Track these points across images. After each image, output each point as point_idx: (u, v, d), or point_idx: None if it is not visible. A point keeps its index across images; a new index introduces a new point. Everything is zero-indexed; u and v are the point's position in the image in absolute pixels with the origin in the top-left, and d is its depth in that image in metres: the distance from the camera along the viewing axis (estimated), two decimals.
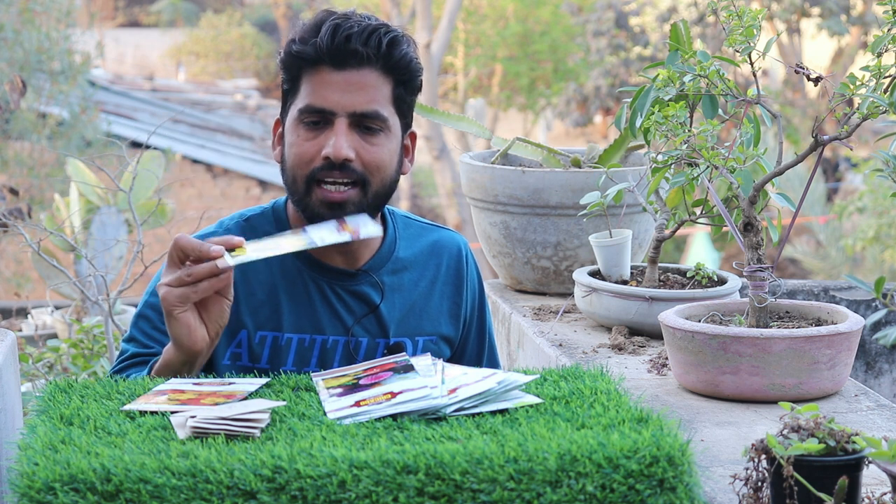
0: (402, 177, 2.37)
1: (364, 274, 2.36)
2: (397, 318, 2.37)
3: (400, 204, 16.07)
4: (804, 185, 4.98)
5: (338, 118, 2.24)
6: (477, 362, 2.51)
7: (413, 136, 2.38)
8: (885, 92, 2.23)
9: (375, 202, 2.29)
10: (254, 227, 2.36)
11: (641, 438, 1.67)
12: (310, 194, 2.25)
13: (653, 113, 2.43)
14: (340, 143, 2.23)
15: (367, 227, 2.19)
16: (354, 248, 2.35)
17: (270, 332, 2.31)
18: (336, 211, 2.25)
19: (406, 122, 2.33)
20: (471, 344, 2.50)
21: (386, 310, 2.36)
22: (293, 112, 2.28)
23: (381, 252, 2.39)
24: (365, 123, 2.25)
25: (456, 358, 2.47)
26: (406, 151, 2.36)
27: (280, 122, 2.35)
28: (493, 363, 2.55)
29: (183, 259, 2.05)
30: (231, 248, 2.07)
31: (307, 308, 2.33)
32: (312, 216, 2.27)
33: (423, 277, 2.42)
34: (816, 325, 2.38)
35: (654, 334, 2.71)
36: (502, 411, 1.82)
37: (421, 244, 2.44)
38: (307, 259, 2.35)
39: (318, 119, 2.25)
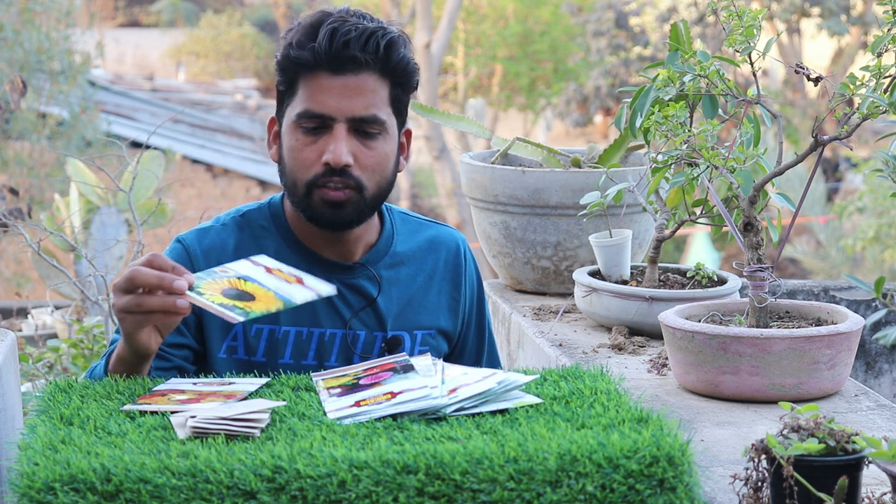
0: (401, 176, 2.37)
1: (361, 267, 2.37)
2: (395, 311, 2.38)
3: (400, 204, 16.08)
4: (804, 185, 4.98)
5: (337, 123, 2.25)
6: (477, 359, 2.51)
7: (408, 133, 2.38)
8: (885, 92, 2.23)
9: (373, 203, 2.30)
10: (250, 223, 2.37)
11: (641, 438, 1.67)
12: (310, 196, 2.26)
13: (653, 113, 2.43)
14: (340, 149, 2.23)
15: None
16: (350, 244, 2.36)
17: (267, 326, 2.32)
18: (336, 211, 2.26)
19: (402, 120, 2.34)
20: (470, 340, 2.51)
21: (383, 303, 2.37)
22: (291, 115, 2.28)
23: (378, 246, 2.39)
24: (363, 128, 2.26)
25: (456, 354, 2.48)
26: (402, 149, 2.37)
27: (275, 120, 2.35)
28: (493, 359, 2.56)
29: (139, 287, 1.97)
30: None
31: None
32: (313, 216, 2.28)
33: (421, 272, 2.43)
34: (816, 325, 2.38)
35: (654, 334, 2.71)
36: (502, 411, 1.82)
37: (418, 239, 2.45)
38: (304, 252, 2.35)
39: (317, 124, 2.26)
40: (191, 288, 1.96)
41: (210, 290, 1.98)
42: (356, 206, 2.27)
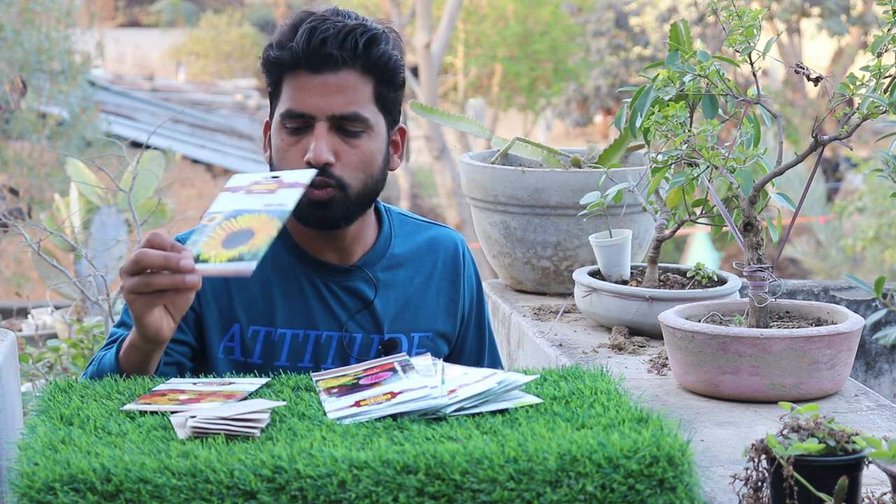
0: (401, 175, 2.37)
1: (358, 270, 2.37)
2: (392, 314, 2.38)
3: (400, 203, 16.07)
4: (804, 185, 4.99)
5: (317, 122, 2.25)
6: (477, 359, 2.51)
7: (402, 132, 2.38)
8: (885, 92, 2.23)
9: (358, 201, 2.29)
10: None
11: (641, 438, 1.67)
12: None
13: (653, 113, 2.43)
14: (320, 147, 2.23)
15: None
16: (347, 245, 2.36)
17: (263, 327, 2.32)
18: (321, 210, 2.25)
19: (392, 119, 2.33)
20: (469, 341, 2.51)
21: (380, 306, 2.37)
22: (276, 116, 2.29)
23: (376, 248, 2.39)
24: (345, 126, 2.25)
25: (455, 355, 2.47)
26: (395, 147, 2.36)
27: (269, 123, 2.35)
28: (494, 360, 2.56)
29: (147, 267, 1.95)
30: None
31: (301, 303, 2.33)
32: (301, 217, 2.28)
33: (419, 273, 2.42)
34: (816, 325, 2.38)
35: (654, 334, 2.71)
36: (502, 411, 1.82)
37: (417, 241, 2.45)
38: (300, 255, 2.35)
39: (300, 124, 2.26)
40: (195, 259, 1.94)
41: (212, 250, 1.95)
42: (341, 204, 2.26)
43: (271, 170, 2.31)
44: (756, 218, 2.35)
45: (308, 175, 2.05)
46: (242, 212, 2.01)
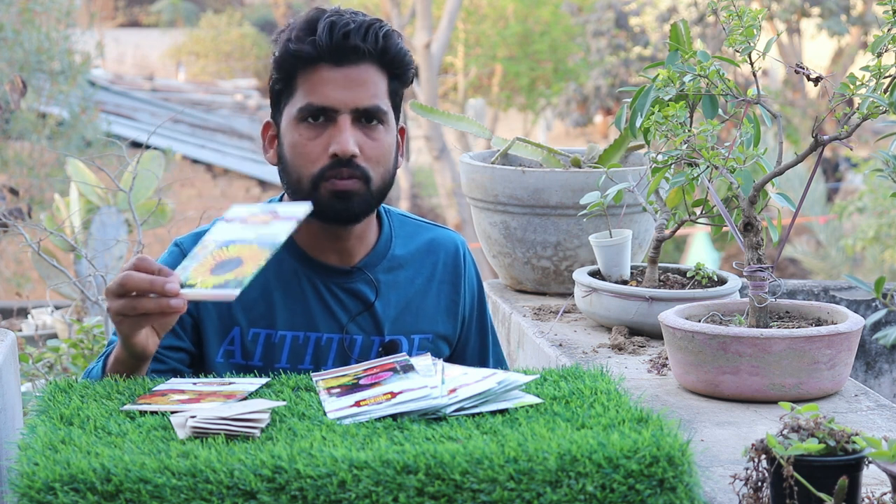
0: (401, 176, 2.38)
1: (359, 271, 2.36)
2: (392, 315, 2.37)
3: (400, 204, 16.07)
4: (804, 185, 4.99)
5: (341, 115, 2.25)
6: (481, 361, 2.51)
7: (402, 132, 2.39)
8: (885, 92, 2.23)
9: (377, 196, 2.30)
10: None
11: (641, 438, 1.67)
12: (317, 190, 2.25)
13: (653, 113, 2.43)
14: (347, 139, 2.23)
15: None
16: (349, 246, 2.35)
17: (263, 330, 2.31)
18: (344, 202, 2.25)
19: (397, 117, 2.34)
20: (472, 342, 2.50)
21: (381, 307, 2.36)
22: (291, 111, 2.28)
23: (377, 250, 2.39)
24: (366, 119, 2.26)
25: (457, 356, 2.47)
26: (398, 147, 2.37)
27: (271, 123, 2.34)
28: (499, 361, 2.55)
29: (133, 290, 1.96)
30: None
31: (301, 305, 2.33)
32: (321, 211, 2.26)
33: (420, 275, 2.42)
34: (816, 325, 2.38)
35: (654, 334, 2.71)
36: (502, 411, 1.82)
37: (417, 242, 2.44)
38: (301, 257, 2.35)
39: (321, 118, 2.26)
40: (182, 285, 1.95)
41: (199, 276, 1.96)
42: (363, 197, 2.27)
43: (284, 167, 2.30)
44: (756, 218, 2.35)
45: (304, 209, 2.06)
46: (235, 241, 2.03)
